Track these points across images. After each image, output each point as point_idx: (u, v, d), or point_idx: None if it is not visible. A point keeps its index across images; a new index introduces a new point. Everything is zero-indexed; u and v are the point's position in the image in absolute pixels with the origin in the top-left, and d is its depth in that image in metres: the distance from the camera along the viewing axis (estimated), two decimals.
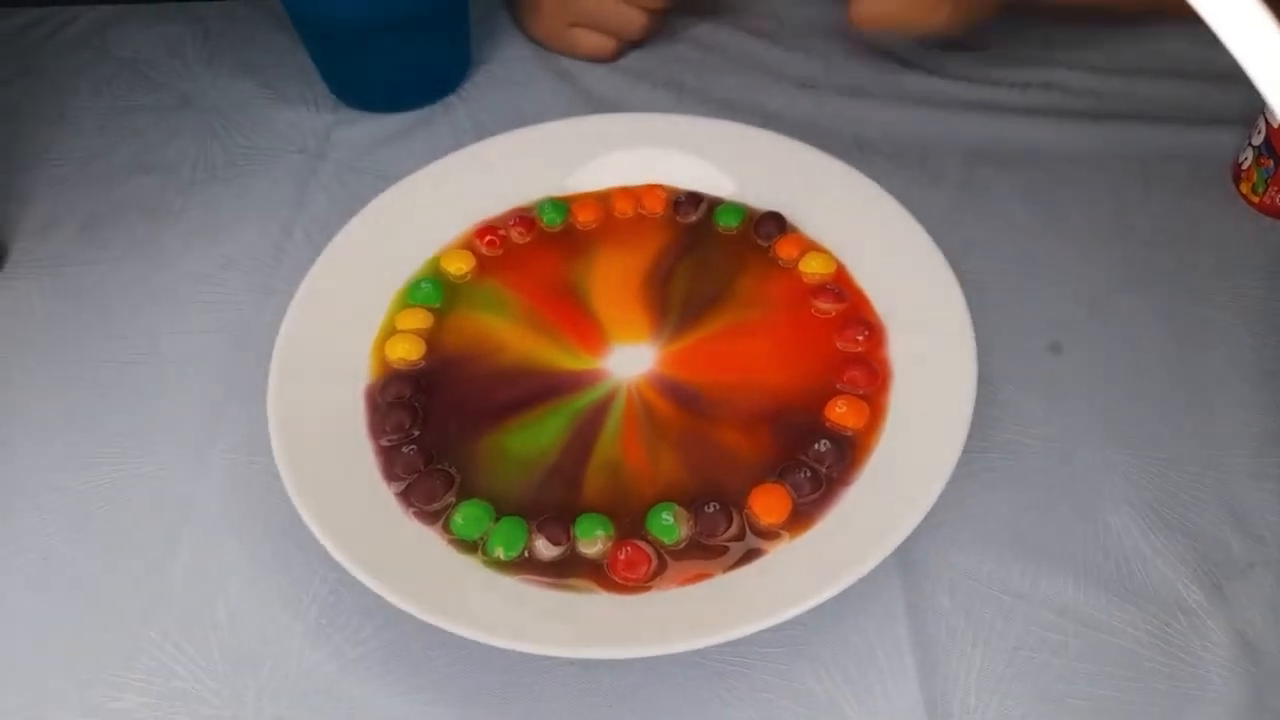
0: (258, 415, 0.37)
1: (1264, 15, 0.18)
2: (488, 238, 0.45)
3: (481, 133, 0.52)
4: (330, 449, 0.37)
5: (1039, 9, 0.55)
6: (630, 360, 0.41)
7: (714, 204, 0.46)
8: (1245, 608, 0.36)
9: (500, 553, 0.35)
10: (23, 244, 0.49)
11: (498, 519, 0.36)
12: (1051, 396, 0.42)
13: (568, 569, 0.35)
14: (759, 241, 0.45)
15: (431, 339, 0.42)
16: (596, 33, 0.56)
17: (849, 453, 0.37)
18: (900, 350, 0.40)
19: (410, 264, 0.44)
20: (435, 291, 0.43)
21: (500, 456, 0.38)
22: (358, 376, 0.41)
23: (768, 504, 0.36)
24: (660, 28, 0.58)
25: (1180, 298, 0.45)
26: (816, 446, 0.37)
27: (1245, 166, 0.48)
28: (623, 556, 0.35)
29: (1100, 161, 0.51)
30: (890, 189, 0.44)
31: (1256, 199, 0.48)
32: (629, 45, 0.58)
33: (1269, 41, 0.18)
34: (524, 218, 0.46)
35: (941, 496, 0.34)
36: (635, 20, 0.55)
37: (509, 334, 0.42)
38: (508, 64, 0.58)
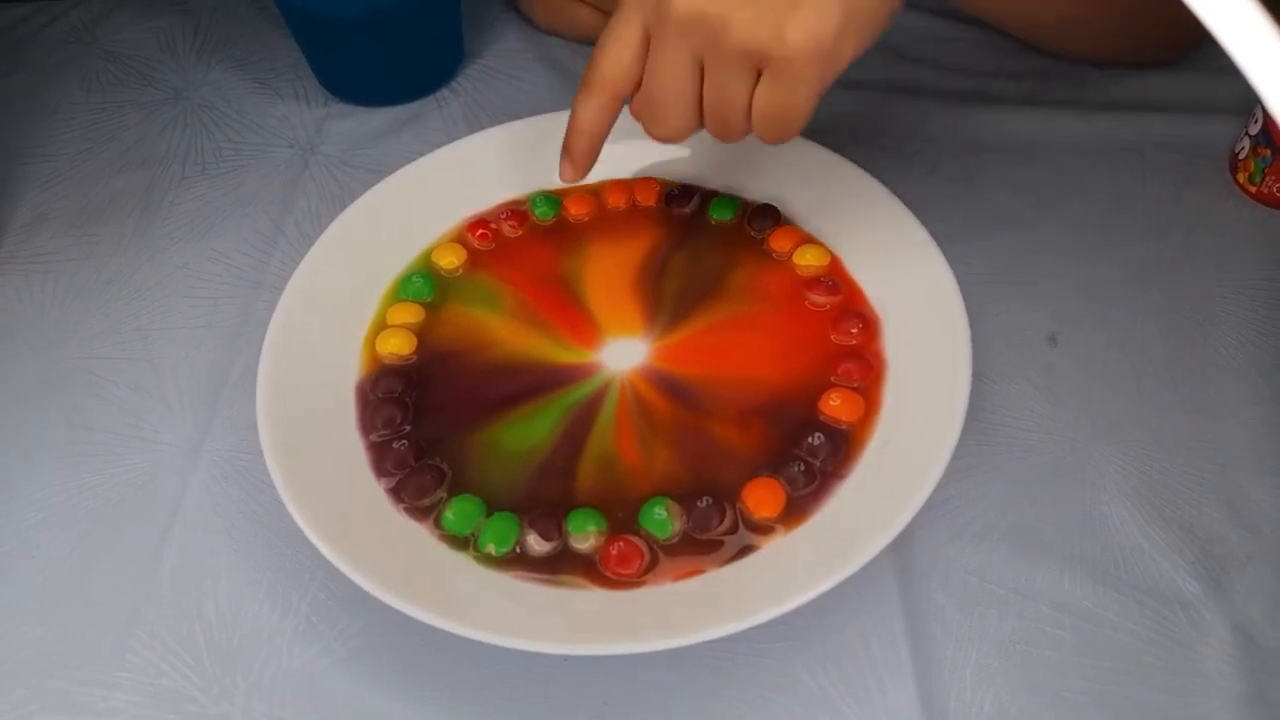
0: (248, 410, 0.37)
1: (1260, 17, 0.18)
2: (479, 231, 0.45)
3: (474, 126, 0.52)
4: (320, 445, 0.37)
5: None
6: (623, 354, 0.41)
7: (707, 196, 0.46)
8: (1244, 600, 0.35)
9: (492, 549, 0.35)
10: (13, 238, 0.49)
11: (489, 514, 0.36)
12: (1048, 389, 0.41)
13: (560, 565, 0.35)
14: (753, 234, 0.45)
15: (423, 333, 0.42)
16: (593, 10, 0.56)
17: (843, 446, 0.37)
18: (895, 343, 0.40)
19: (401, 258, 0.44)
20: (426, 286, 0.43)
21: (492, 451, 0.38)
22: (348, 371, 0.40)
23: (761, 498, 0.35)
24: None
25: (1177, 288, 0.45)
26: (810, 440, 0.37)
27: (1242, 156, 0.48)
28: (615, 552, 0.34)
29: (1096, 152, 0.50)
30: (885, 181, 0.43)
31: (1253, 189, 0.48)
32: None
33: (1266, 44, 0.17)
34: (516, 211, 0.46)
35: (937, 490, 0.33)
36: None
37: (501, 328, 0.42)
38: (500, 57, 0.57)
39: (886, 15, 0.35)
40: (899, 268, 0.41)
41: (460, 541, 0.35)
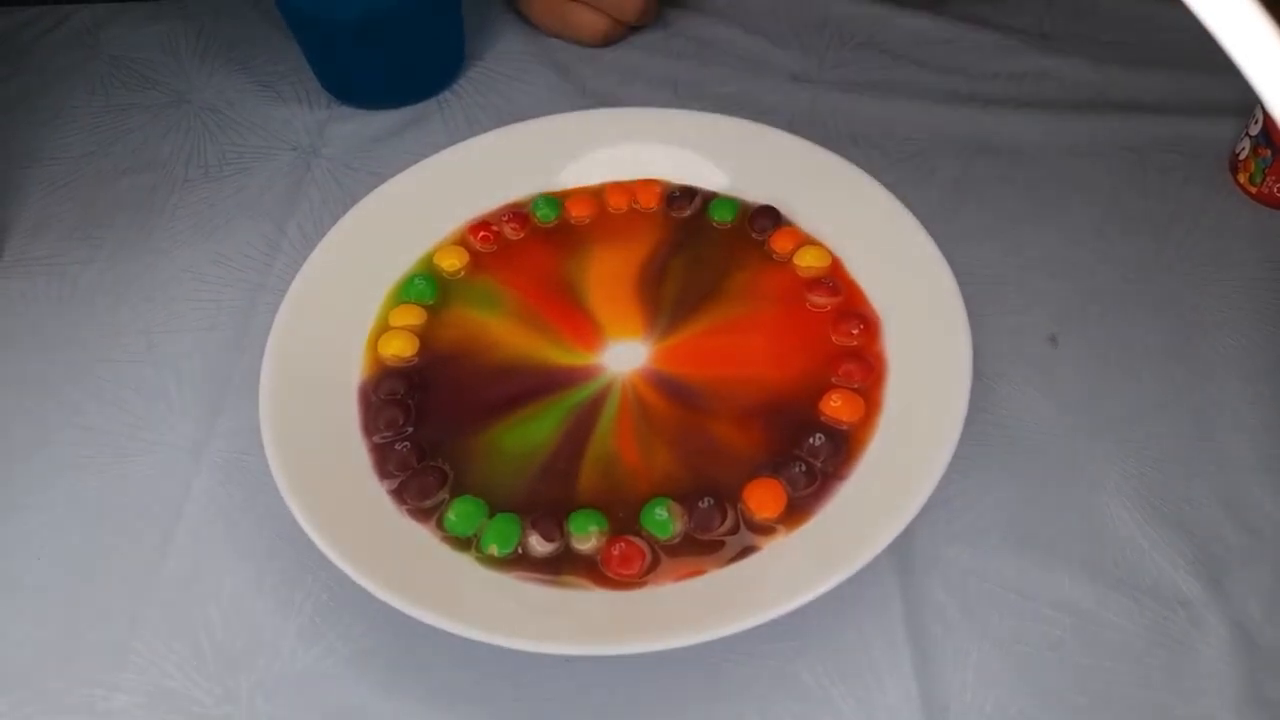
0: (250, 413, 0.37)
1: (1260, 17, 0.18)
2: (481, 234, 0.45)
3: (476, 128, 0.52)
4: (323, 446, 0.37)
5: None
6: (625, 356, 0.41)
7: (708, 198, 0.46)
8: (1243, 600, 0.35)
9: (494, 549, 0.35)
10: (16, 243, 0.49)
11: (491, 515, 0.36)
12: (1048, 389, 0.42)
13: (562, 565, 0.35)
14: (754, 235, 0.45)
15: (425, 335, 0.42)
16: (592, 10, 0.56)
17: (844, 447, 0.37)
18: (895, 344, 0.40)
19: (403, 260, 0.44)
20: (429, 288, 0.43)
21: (494, 453, 0.38)
22: (351, 373, 0.40)
23: (762, 499, 0.36)
24: (655, 16, 0.58)
25: (1177, 289, 0.45)
26: (811, 441, 0.37)
27: (1242, 157, 0.48)
28: (617, 552, 0.34)
29: (1096, 152, 0.51)
30: (885, 182, 0.43)
31: (1254, 189, 0.48)
32: (623, 31, 0.58)
33: (1266, 44, 0.18)
34: (518, 213, 0.46)
35: (937, 490, 0.33)
36: (630, 0, 0.55)
37: (503, 330, 0.42)
38: (502, 59, 0.58)
39: None
40: (899, 268, 0.41)
41: (462, 542, 0.35)
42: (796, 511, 0.36)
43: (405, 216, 0.45)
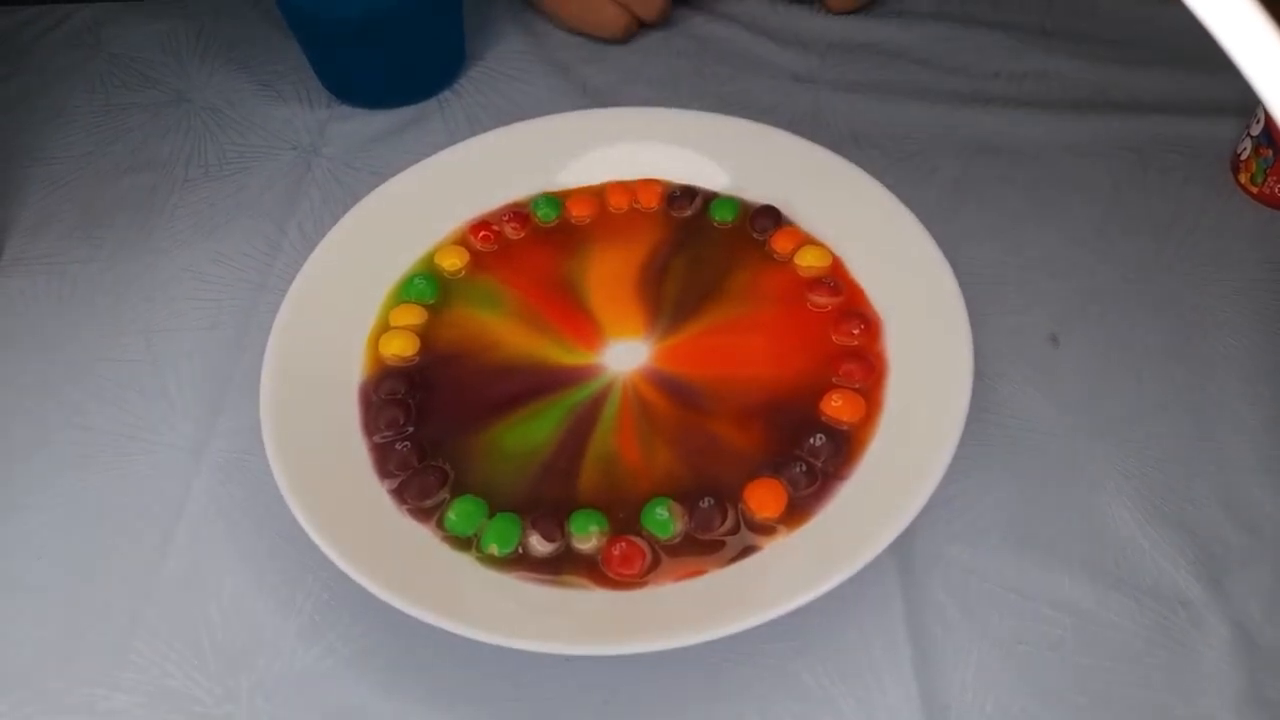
0: (251, 412, 0.37)
1: (1260, 17, 0.18)
2: (482, 233, 0.45)
3: (476, 128, 0.52)
4: (323, 446, 0.37)
5: None
6: (625, 355, 0.41)
7: (709, 198, 0.46)
8: (1243, 600, 0.35)
9: (494, 549, 0.35)
10: (17, 242, 0.49)
11: (492, 515, 0.36)
12: (1049, 389, 0.42)
13: (562, 565, 0.35)
14: (754, 235, 0.45)
15: (425, 335, 0.42)
16: (615, 5, 0.56)
17: (845, 447, 0.37)
18: (896, 344, 0.40)
19: (404, 260, 0.44)
20: (429, 287, 0.43)
21: (495, 452, 0.38)
22: (351, 373, 0.40)
23: (763, 498, 0.36)
24: (668, 16, 0.58)
25: (1178, 289, 0.45)
26: (812, 441, 0.37)
27: (1244, 157, 0.48)
28: (617, 552, 0.34)
29: (1097, 152, 0.51)
30: (886, 182, 0.43)
31: (1255, 189, 0.48)
32: (638, 28, 0.58)
33: (1266, 44, 0.18)
34: (518, 213, 0.46)
35: (938, 490, 0.33)
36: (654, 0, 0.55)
37: (503, 330, 0.42)
38: (502, 59, 0.58)
39: None
40: (900, 268, 0.41)
41: (463, 542, 0.35)
42: (797, 511, 0.36)
43: (406, 216, 0.45)
